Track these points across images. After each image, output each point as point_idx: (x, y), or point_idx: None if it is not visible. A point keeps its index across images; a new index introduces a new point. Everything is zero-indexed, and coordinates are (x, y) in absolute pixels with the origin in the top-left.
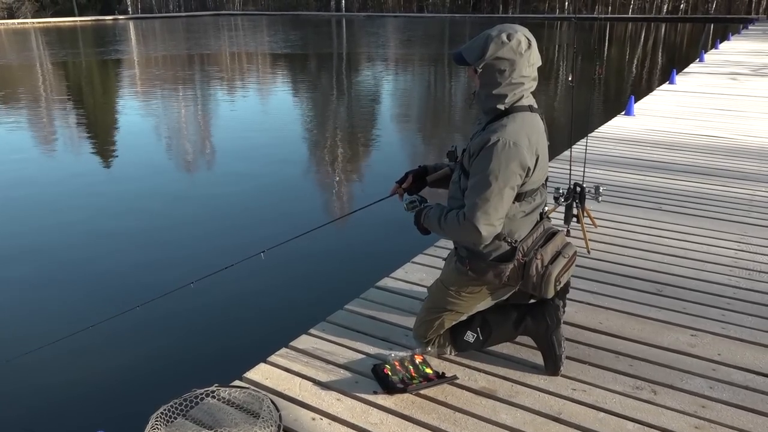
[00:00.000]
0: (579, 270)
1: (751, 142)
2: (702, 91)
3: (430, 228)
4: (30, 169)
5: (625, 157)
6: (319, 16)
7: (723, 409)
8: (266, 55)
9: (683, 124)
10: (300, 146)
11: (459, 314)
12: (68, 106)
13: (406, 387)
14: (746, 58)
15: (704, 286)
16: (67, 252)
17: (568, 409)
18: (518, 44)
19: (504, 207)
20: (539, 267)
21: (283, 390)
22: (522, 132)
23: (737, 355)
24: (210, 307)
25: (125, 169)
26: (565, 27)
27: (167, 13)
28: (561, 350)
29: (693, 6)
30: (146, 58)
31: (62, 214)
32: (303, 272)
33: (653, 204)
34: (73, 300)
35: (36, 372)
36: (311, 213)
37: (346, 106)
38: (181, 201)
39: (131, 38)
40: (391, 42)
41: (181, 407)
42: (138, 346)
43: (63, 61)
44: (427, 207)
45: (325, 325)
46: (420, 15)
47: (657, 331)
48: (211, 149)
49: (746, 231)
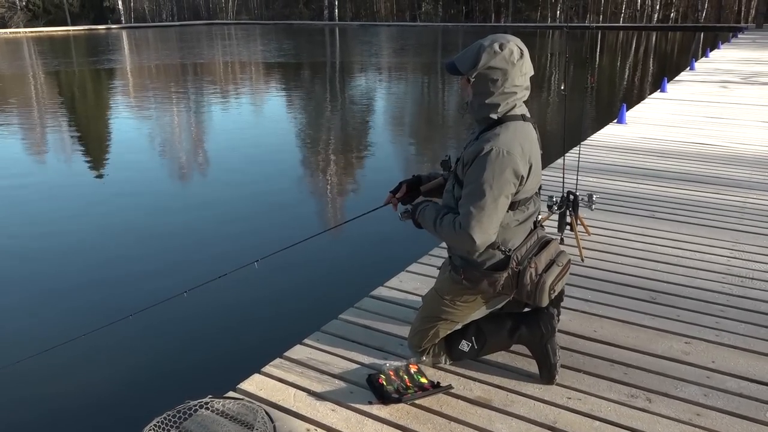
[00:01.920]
0: (573, 278)
1: (743, 149)
2: (693, 99)
3: (425, 226)
4: (20, 179)
5: (618, 165)
6: (312, 25)
7: (717, 416)
8: (259, 65)
9: (675, 132)
10: (293, 155)
11: (454, 323)
12: (60, 115)
13: (401, 397)
14: (736, 66)
15: (698, 294)
16: (58, 261)
17: (564, 418)
18: (510, 54)
19: (498, 216)
20: (533, 275)
21: (277, 401)
22: (515, 141)
23: (731, 362)
24: (203, 317)
25: (117, 179)
26: (557, 36)
27: (160, 23)
28: (556, 359)
29: (683, 15)
30: (139, 68)
31: (53, 224)
32: (297, 282)
33: (646, 212)
34: (65, 309)
35: (27, 382)
36: (305, 222)
37: (339, 116)
38: (174, 210)
39: (124, 47)
40: (384, 51)
41: (174, 419)
42: (131, 357)
43: (55, 70)
44: (424, 203)
45: (319, 335)
46: (413, 24)
47: (651, 338)
48: (205, 158)
49: (738, 238)
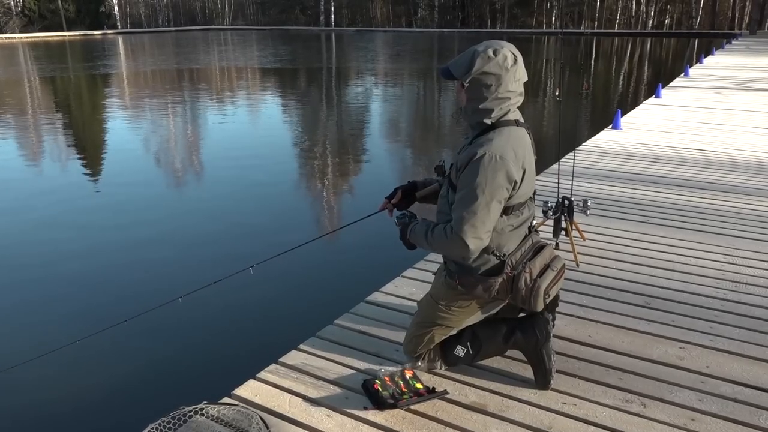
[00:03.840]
0: (568, 283)
1: (737, 155)
2: (688, 105)
3: (416, 243)
4: (14, 184)
5: (613, 170)
6: (308, 30)
7: (712, 421)
8: (256, 70)
9: (670, 138)
10: (289, 161)
11: (449, 329)
12: (55, 121)
13: (397, 402)
14: (730, 73)
15: (692, 299)
16: (52, 266)
17: (559, 423)
18: (504, 59)
19: (491, 220)
20: (528, 280)
21: (272, 407)
22: (508, 146)
23: (725, 367)
24: (198, 323)
25: (112, 184)
26: (552, 42)
27: (156, 28)
28: (551, 364)
29: (678, 21)
30: (135, 73)
31: (47, 229)
32: (292, 287)
33: (641, 217)
34: (59, 314)
35: (21, 388)
36: (300, 227)
37: (335, 121)
38: (169, 215)
39: (120, 53)
40: (380, 56)
41: (169, 425)
42: (124, 363)
43: (51, 76)
44: (413, 222)
45: (314, 340)
46: (409, 30)
47: (646, 343)
48: (200, 163)
49: (733, 243)
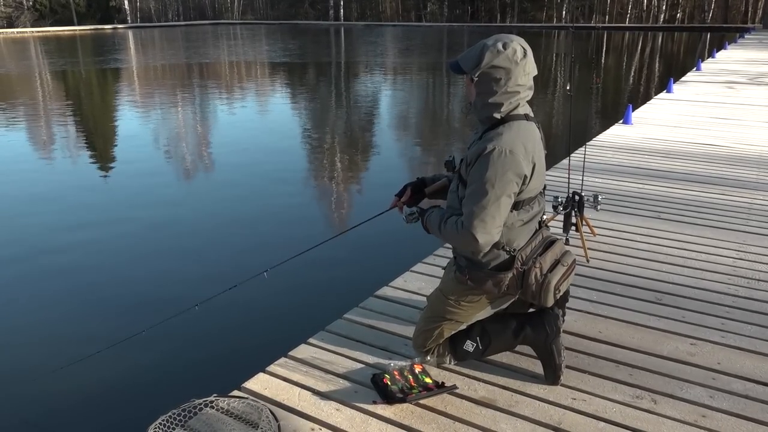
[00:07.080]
0: (578, 279)
1: (750, 150)
2: (699, 99)
3: (431, 230)
4: (27, 180)
5: (624, 165)
6: (317, 25)
7: (723, 418)
8: (265, 65)
9: (681, 133)
10: (299, 157)
11: (458, 323)
12: (66, 115)
13: (406, 397)
14: (743, 67)
15: (703, 295)
16: (67, 266)
17: (568, 418)
18: (514, 53)
19: (501, 215)
20: (538, 275)
21: (282, 400)
22: (518, 140)
23: (737, 363)
24: (208, 317)
25: (125, 181)
26: (562, 36)
27: (166, 22)
28: (561, 359)
29: (689, 15)
30: (145, 68)
31: (60, 228)
32: (301, 282)
33: (652, 212)
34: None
35: (34, 381)
36: (312, 225)
37: (344, 116)
38: (179, 212)
39: (130, 47)
40: (389, 51)
41: (179, 418)
42: (136, 356)
43: (62, 70)
44: (430, 209)
45: (324, 334)
46: (418, 24)
47: (656, 339)
48: (211, 161)
49: (745, 239)
